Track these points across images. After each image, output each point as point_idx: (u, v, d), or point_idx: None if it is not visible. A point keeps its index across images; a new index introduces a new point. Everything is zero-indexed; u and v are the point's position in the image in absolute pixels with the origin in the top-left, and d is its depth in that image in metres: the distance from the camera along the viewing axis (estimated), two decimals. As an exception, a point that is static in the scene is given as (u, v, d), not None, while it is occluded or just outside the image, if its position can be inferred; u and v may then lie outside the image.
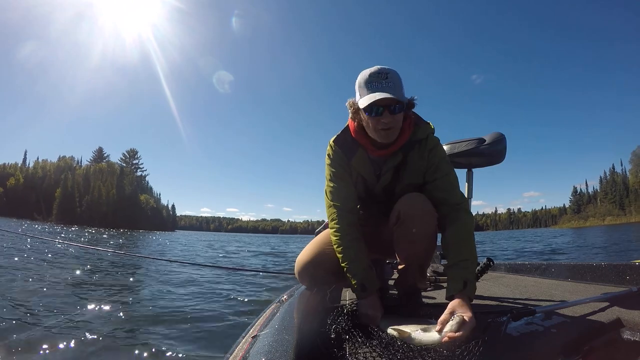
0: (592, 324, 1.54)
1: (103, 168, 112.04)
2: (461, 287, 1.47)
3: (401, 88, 1.61)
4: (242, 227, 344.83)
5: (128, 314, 4.38)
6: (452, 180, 1.77)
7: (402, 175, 1.79)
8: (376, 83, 1.59)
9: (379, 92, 1.56)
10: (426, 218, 1.67)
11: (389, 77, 1.59)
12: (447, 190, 1.73)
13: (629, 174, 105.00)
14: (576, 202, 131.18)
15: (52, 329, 3.59)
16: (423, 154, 1.76)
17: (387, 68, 1.62)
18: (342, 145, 1.82)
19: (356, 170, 1.83)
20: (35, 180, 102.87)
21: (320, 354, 1.22)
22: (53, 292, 5.39)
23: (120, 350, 3.20)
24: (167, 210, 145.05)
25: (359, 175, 1.84)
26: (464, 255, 1.57)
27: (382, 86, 1.58)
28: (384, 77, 1.59)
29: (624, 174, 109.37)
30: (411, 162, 1.77)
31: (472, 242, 1.64)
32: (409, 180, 1.79)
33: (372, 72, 1.61)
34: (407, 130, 1.73)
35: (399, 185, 1.81)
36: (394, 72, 1.61)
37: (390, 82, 1.59)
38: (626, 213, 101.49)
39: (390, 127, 1.64)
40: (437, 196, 1.72)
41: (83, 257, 10.53)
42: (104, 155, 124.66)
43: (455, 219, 1.67)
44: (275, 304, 1.90)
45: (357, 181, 1.86)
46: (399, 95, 1.57)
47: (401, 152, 1.75)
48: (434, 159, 1.76)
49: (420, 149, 1.76)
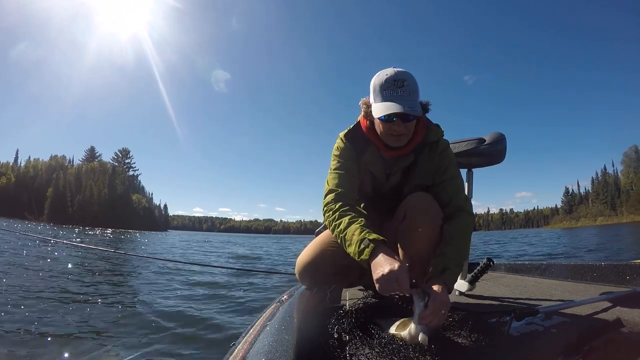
0: (593, 324, 1.55)
1: (95, 167, 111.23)
2: (439, 272, 1.47)
3: (416, 96, 1.61)
4: (235, 227, 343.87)
5: (127, 314, 4.37)
6: (459, 184, 1.81)
7: (412, 176, 1.81)
8: (391, 90, 1.58)
9: (394, 101, 1.56)
10: (432, 218, 1.67)
11: (405, 85, 1.57)
12: (453, 193, 1.75)
13: (621, 175, 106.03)
14: (568, 203, 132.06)
15: (50, 329, 3.57)
16: (433, 156, 1.79)
17: (403, 73, 1.61)
18: (352, 140, 1.82)
19: (367, 166, 1.83)
20: (27, 179, 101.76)
21: (321, 354, 1.21)
22: (50, 292, 5.35)
23: (120, 351, 3.17)
24: (159, 210, 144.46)
25: (368, 171, 1.85)
26: (452, 247, 1.58)
27: (397, 95, 1.57)
28: (399, 85, 1.57)
29: (615, 175, 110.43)
30: (421, 164, 1.79)
31: (465, 239, 1.69)
32: (418, 182, 1.81)
33: (388, 77, 1.59)
34: (420, 133, 1.75)
35: (408, 185, 1.83)
36: (410, 79, 1.60)
37: (406, 90, 1.57)
38: (617, 214, 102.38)
39: (401, 134, 1.65)
40: (442, 198, 1.73)
41: (75, 257, 10.45)
42: (96, 155, 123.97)
43: (455, 217, 1.70)
44: (275, 304, 1.89)
45: (365, 178, 1.87)
46: (414, 106, 1.56)
47: (413, 154, 1.78)
48: (443, 161, 1.79)
49: (431, 152, 1.79)
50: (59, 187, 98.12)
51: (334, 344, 1.27)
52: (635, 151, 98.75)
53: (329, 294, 1.79)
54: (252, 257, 15.78)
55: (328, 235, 1.90)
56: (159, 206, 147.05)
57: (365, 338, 1.33)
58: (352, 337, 1.35)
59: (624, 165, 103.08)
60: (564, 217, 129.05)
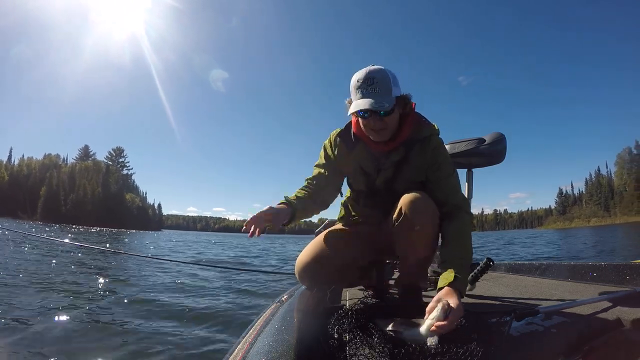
0: (593, 324, 1.54)
1: (89, 166, 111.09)
2: (451, 279, 1.47)
3: (388, 91, 1.64)
4: (229, 227, 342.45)
5: (126, 314, 4.33)
6: (455, 182, 1.83)
7: (404, 171, 1.82)
8: (363, 89, 1.63)
9: (364, 98, 1.62)
10: (428, 217, 1.66)
11: (375, 82, 1.62)
12: (449, 192, 1.77)
13: (614, 176, 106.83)
14: (562, 204, 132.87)
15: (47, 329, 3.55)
16: (426, 151, 1.80)
17: (375, 70, 1.65)
18: (344, 137, 1.92)
19: (356, 160, 1.90)
20: (21, 178, 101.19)
21: (321, 354, 1.21)
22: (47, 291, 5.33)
23: (120, 351, 3.15)
24: (153, 209, 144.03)
25: (358, 166, 1.89)
26: (457, 252, 1.60)
27: (367, 92, 1.63)
28: (370, 83, 1.62)
29: (609, 176, 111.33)
30: (413, 159, 1.81)
31: (467, 241, 1.68)
32: (411, 177, 1.82)
33: (359, 77, 1.65)
34: (407, 127, 1.78)
35: (401, 180, 1.83)
36: (381, 75, 1.64)
37: (376, 87, 1.62)
38: (611, 214, 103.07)
39: (380, 129, 1.71)
40: (438, 197, 1.73)
41: (70, 256, 10.40)
42: (90, 153, 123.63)
43: (454, 218, 1.71)
44: (275, 304, 1.88)
45: (356, 174, 1.93)
46: (384, 100, 1.61)
47: (403, 148, 1.79)
48: (437, 158, 1.80)
49: (422, 147, 1.80)
50: (52, 185, 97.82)
51: (334, 344, 1.27)
52: (629, 153, 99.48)
53: (329, 294, 1.78)
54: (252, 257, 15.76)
55: (328, 235, 1.92)
56: (153, 205, 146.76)
57: (366, 338, 1.33)
58: (352, 337, 1.34)
59: (618, 167, 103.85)
60: (557, 218, 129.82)
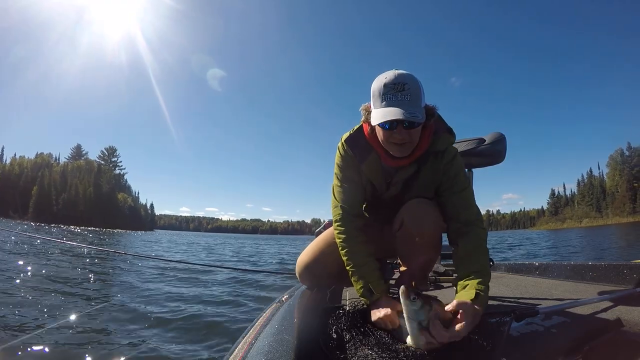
0: (593, 324, 1.55)
1: (81, 166, 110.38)
2: (472, 296, 1.38)
3: (419, 100, 1.49)
4: (222, 227, 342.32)
5: (125, 314, 4.30)
6: (468, 195, 1.68)
7: (413, 187, 1.72)
8: (391, 95, 1.45)
9: (394, 106, 1.44)
10: (430, 229, 1.64)
11: (406, 89, 1.45)
12: (463, 206, 1.65)
13: (606, 177, 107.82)
14: (554, 205, 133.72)
15: (45, 329, 3.49)
16: (438, 167, 1.67)
17: (404, 75, 1.48)
18: (354, 146, 1.71)
19: (366, 175, 1.74)
20: (12, 177, 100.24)
21: (321, 354, 1.21)
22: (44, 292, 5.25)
23: (119, 351, 3.12)
24: (145, 209, 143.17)
25: (368, 180, 1.76)
26: (475, 268, 1.49)
27: (397, 100, 1.45)
28: (400, 89, 1.45)
29: (601, 177, 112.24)
30: (424, 175, 1.69)
31: (484, 255, 1.56)
32: (419, 193, 1.72)
33: (387, 81, 1.47)
34: (425, 141, 1.62)
35: (408, 196, 1.74)
36: (412, 82, 1.47)
37: (407, 94, 1.45)
38: (603, 215, 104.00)
39: (404, 143, 1.53)
40: (452, 211, 1.65)
41: (68, 256, 10.33)
42: (82, 153, 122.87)
43: (468, 232, 1.60)
44: (275, 304, 1.87)
45: (365, 185, 1.78)
46: (416, 111, 1.44)
47: (416, 164, 1.67)
48: (449, 172, 1.67)
49: (435, 162, 1.67)
50: (44, 185, 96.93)
51: (334, 344, 1.27)
52: (620, 154, 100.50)
53: (329, 294, 1.78)
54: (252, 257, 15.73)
55: (328, 236, 1.89)
56: (145, 205, 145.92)
57: (365, 338, 1.33)
58: (352, 337, 1.34)
59: (610, 168, 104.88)
60: (549, 218, 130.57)
